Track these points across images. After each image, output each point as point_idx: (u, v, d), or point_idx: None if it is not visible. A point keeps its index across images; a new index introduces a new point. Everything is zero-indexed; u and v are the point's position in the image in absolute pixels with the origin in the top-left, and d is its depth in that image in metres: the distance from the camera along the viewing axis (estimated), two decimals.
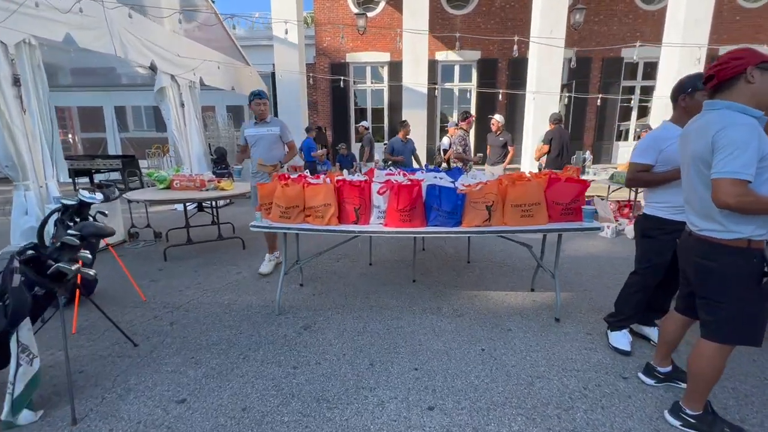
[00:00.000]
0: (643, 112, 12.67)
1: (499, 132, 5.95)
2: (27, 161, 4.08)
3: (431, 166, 4.09)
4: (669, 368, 1.90)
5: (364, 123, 8.03)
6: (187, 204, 4.65)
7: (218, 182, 4.49)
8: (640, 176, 2.12)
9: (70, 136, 13.24)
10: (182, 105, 6.86)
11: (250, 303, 2.96)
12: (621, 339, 2.24)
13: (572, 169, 2.58)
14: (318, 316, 2.72)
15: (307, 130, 8.27)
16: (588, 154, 6.00)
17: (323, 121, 12.60)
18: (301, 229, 2.51)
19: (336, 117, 12.63)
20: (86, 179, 8.99)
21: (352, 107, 12.65)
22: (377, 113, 12.76)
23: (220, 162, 8.00)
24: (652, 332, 2.30)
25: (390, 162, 6.24)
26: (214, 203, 4.87)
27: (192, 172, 6.94)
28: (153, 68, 5.89)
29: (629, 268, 2.32)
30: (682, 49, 8.36)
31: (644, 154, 2.10)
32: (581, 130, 12.42)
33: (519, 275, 3.48)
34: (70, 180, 9.01)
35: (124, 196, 3.97)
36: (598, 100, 9.96)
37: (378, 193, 2.49)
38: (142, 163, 9.48)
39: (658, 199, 2.11)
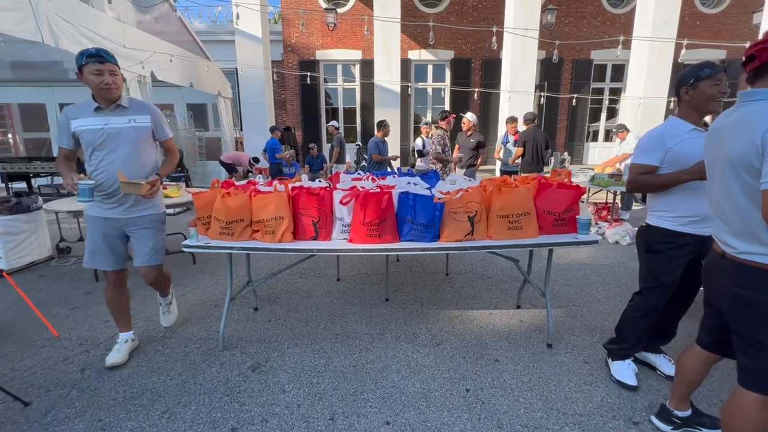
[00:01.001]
0: (612, 113, 12.91)
1: (471, 132, 5.63)
2: None
3: (404, 169, 3.71)
4: (688, 412, 1.59)
5: (334, 123, 7.59)
6: None
7: (163, 188, 3.93)
8: (642, 179, 1.82)
9: (9, 136, 11.98)
10: None
11: (190, 335, 2.46)
12: (625, 371, 1.93)
13: (563, 173, 2.25)
14: (271, 350, 2.27)
15: (272, 129, 7.72)
16: (566, 155, 5.82)
17: (292, 121, 12.02)
18: (245, 249, 2.05)
19: (306, 116, 12.09)
20: (23, 184, 8.05)
21: (323, 106, 12.14)
22: (349, 113, 12.32)
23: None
24: (657, 360, 2.01)
25: (375, 163, 5.83)
26: None
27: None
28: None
29: (616, 278, 2.03)
30: (650, 50, 8.44)
31: (648, 154, 1.80)
32: (553, 131, 12.46)
33: (503, 289, 3.15)
34: (3, 185, 8.05)
35: (44, 206, 3.35)
36: (574, 100, 9.95)
37: (341, 203, 2.08)
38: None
39: (664, 206, 1.82)
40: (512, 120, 5.80)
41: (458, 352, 2.23)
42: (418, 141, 5.81)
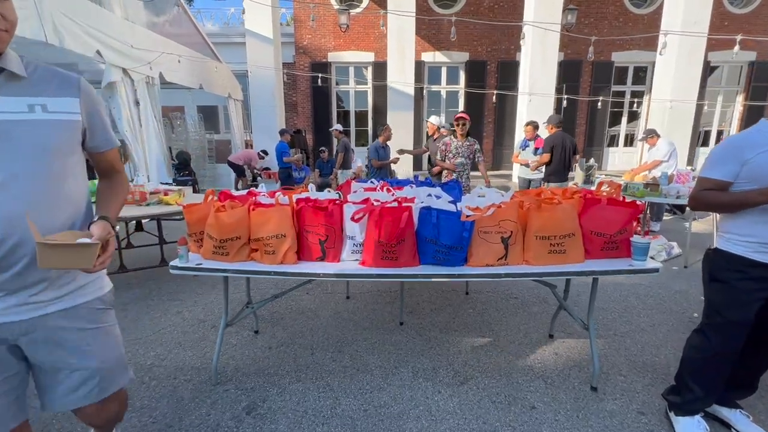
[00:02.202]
0: (633, 117, 12.40)
1: (437, 137, 5.20)
2: None
3: (422, 177, 3.40)
4: None
5: (338, 126, 7.33)
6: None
7: (164, 194, 3.70)
8: (707, 197, 1.50)
9: None
10: (137, 103, 6.01)
11: (181, 363, 2.19)
12: (694, 430, 1.58)
13: (613, 186, 1.92)
14: (270, 386, 1.98)
15: (281, 132, 7.50)
16: (593, 161, 5.44)
17: (303, 124, 11.83)
18: (241, 272, 1.77)
19: (317, 119, 11.88)
20: None
21: (335, 109, 11.93)
22: (361, 116, 12.08)
23: (182, 168, 7.16)
24: (733, 416, 1.66)
25: (375, 169, 5.57)
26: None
27: (149, 179, 6.11)
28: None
29: (658, 301, 1.74)
30: (679, 51, 7.99)
31: (719, 166, 1.47)
32: (572, 135, 11.96)
33: (531, 313, 2.82)
34: None
35: None
36: (599, 104, 9.53)
37: (352, 219, 1.79)
38: None
39: (738, 230, 1.48)
40: (531, 124, 5.43)
41: (486, 395, 1.91)
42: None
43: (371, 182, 2.78)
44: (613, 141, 12.61)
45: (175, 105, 10.89)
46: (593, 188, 2.18)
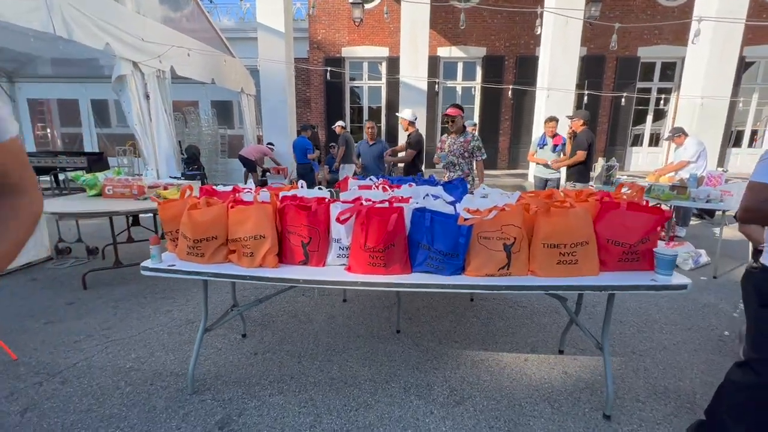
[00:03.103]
0: (659, 115, 11.80)
1: (410, 131, 4.94)
2: None
3: (426, 176, 3.20)
4: None
5: (340, 123, 7.17)
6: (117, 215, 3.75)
7: (164, 188, 3.62)
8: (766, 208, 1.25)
9: (48, 130, 12.41)
10: (147, 97, 6.00)
11: (161, 367, 2.08)
12: None
13: (635, 189, 1.69)
14: (250, 397, 1.84)
15: (303, 128, 7.40)
16: (614, 161, 5.11)
17: (316, 120, 11.75)
18: (215, 275, 1.63)
19: (330, 115, 11.76)
20: (47, 178, 8.13)
21: (348, 105, 11.79)
22: (375, 112, 11.90)
23: (191, 162, 7.15)
24: None
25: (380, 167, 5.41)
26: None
27: (158, 173, 6.11)
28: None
29: (683, 316, 1.60)
30: (712, 44, 7.48)
31: None
32: (593, 133, 11.51)
33: (540, 324, 2.60)
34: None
35: None
36: (623, 101, 9.08)
37: (337, 220, 1.62)
38: (113, 162, 8.63)
39: None
40: (554, 119, 5.10)
41: (484, 418, 1.71)
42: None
43: (370, 180, 2.61)
44: (637, 140, 12.04)
45: (190, 100, 10.95)
46: (613, 190, 1.95)
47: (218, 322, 1.99)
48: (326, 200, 1.84)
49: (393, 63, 11.13)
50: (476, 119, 11.54)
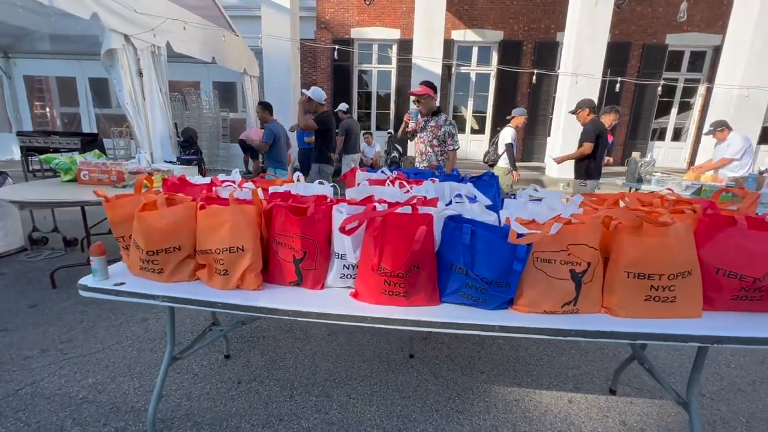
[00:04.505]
0: (684, 108, 11.14)
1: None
2: None
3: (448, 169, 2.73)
4: None
5: (342, 107, 6.62)
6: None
7: (149, 175, 3.21)
8: None
9: (47, 109, 12.02)
10: (140, 74, 5.55)
11: (120, 399, 1.69)
12: None
13: (749, 197, 1.24)
14: None
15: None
16: (650, 157, 4.60)
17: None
18: (173, 300, 1.20)
19: (337, 100, 11.22)
20: (38, 158, 7.76)
21: (356, 90, 11.24)
22: (384, 99, 11.34)
23: (188, 146, 6.73)
24: None
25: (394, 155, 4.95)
26: None
27: (152, 156, 5.71)
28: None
29: None
30: (755, 31, 6.84)
31: None
32: (614, 126, 10.89)
33: (584, 352, 2.17)
34: (21, 159, 7.85)
35: None
36: (646, 92, 8.48)
37: (342, 230, 1.18)
38: (108, 144, 8.24)
39: None
40: (614, 111, 4.35)
41: None
42: (507, 132, 4.79)
43: (382, 172, 2.17)
44: (659, 135, 11.40)
45: (191, 80, 10.47)
46: (646, 189, 1.50)
47: (191, 348, 1.59)
48: (327, 200, 1.41)
49: (404, 46, 10.53)
50: (490, 107, 10.98)
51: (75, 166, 3.16)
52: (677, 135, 11.36)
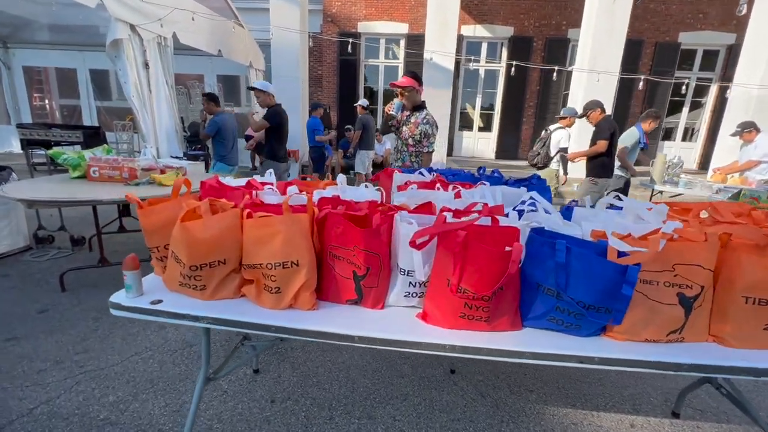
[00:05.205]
0: (696, 106, 10.99)
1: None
2: None
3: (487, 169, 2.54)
4: None
5: (363, 102, 6.41)
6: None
7: (161, 172, 3.05)
8: None
9: (47, 101, 11.77)
10: (146, 66, 5.36)
11: (146, 420, 1.54)
12: None
13: None
14: None
15: (314, 107, 6.75)
16: (678, 157, 4.46)
17: (328, 100, 11.03)
18: (220, 323, 1.06)
19: (342, 95, 11.05)
20: (41, 151, 7.58)
21: (362, 85, 11.04)
22: (389, 95, 11.14)
23: (195, 141, 6.55)
24: None
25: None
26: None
27: (158, 151, 5.54)
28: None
29: None
30: None
31: None
32: (623, 125, 10.74)
33: None
34: (22, 152, 7.66)
35: (2, 190, 2.53)
36: (657, 90, 8.30)
37: (413, 245, 1.04)
38: (111, 137, 8.04)
39: None
40: (656, 117, 4.16)
41: None
42: (560, 134, 4.51)
43: (420, 174, 2.02)
44: (669, 134, 11.27)
45: (195, 73, 10.25)
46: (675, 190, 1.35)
47: (224, 367, 1.45)
48: (379, 207, 1.26)
49: (413, 40, 10.35)
50: (498, 105, 10.81)
51: (84, 162, 3.00)
52: (687, 135, 11.23)
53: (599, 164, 3.93)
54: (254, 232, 1.09)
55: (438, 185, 1.63)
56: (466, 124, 11.32)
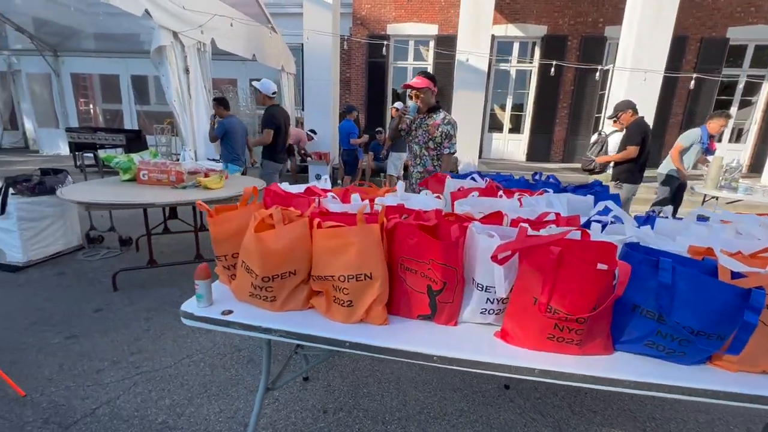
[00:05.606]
0: (744, 105, 10.31)
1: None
2: None
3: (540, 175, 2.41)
4: None
5: (398, 104, 6.36)
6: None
7: (205, 175, 3.12)
8: None
9: (91, 106, 12.43)
10: (186, 71, 5.54)
11: (202, 424, 1.55)
12: None
13: None
14: None
15: (348, 110, 6.77)
16: (736, 161, 4.16)
17: (355, 103, 11.08)
18: (292, 336, 1.02)
19: (370, 98, 11.07)
20: (90, 154, 7.99)
21: (390, 87, 11.03)
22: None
23: None
24: None
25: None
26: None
27: (196, 154, 5.70)
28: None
29: None
30: None
31: None
32: (664, 125, 10.22)
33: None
34: (70, 154, 8.11)
35: (58, 194, 2.65)
36: (702, 89, 7.83)
37: (495, 259, 0.97)
38: (150, 141, 8.38)
39: None
40: (726, 116, 3.90)
41: None
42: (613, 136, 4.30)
43: (472, 179, 1.95)
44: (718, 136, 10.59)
45: (228, 78, 10.55)
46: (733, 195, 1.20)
47: (280, 377, 1.42)
48: (446, 216, 1.20)
49: (443, 42, 10.25)
50: (530, 106, 10.52)
51: (134, 165, 3.10)
52: (737, 136, 10.57)
53: (626, 169, 3.72)
54: (325, 243, 1.05)
55: (501, 193, 1.56)
56: (496, 125, 11.09)
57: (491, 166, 9.01)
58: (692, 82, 6.71)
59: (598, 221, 1.23)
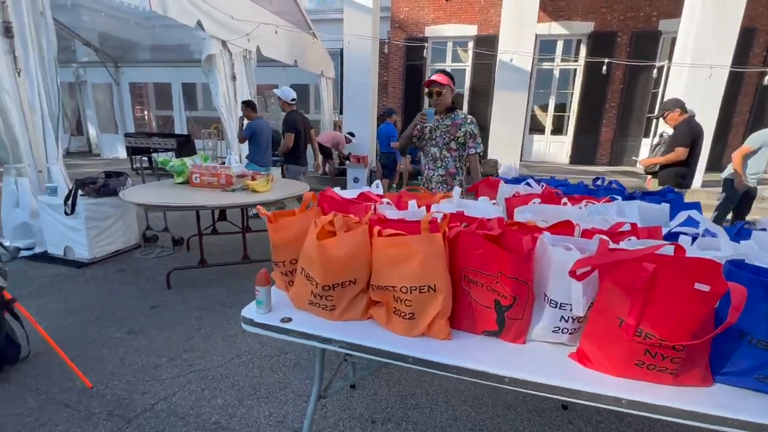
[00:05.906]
0: None
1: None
2: (20, 138, 3.13)
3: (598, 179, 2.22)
4: None
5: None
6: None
7: (252, 179, 3.20)
8: None
9: (145, 112, 13.33)
10: (234, 78, 5.79)
11: (253, 426, 1.56)
12: None
13: None
14: None
15: (388, 113, 6.80)
16: None
17: (393, 106, 11.09)
18: (353, 347, 0.99)
19: (407, 101, 11.04)
20: (145, 157, 8.52)
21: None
22: (456, 98, 10.90)
23: (273, 148, 6.90)
24: None
25: None
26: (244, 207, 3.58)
27: (240, 157, 5.95)
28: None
29: None
30: None
31: None
32: (727, 125, 9.38)
33: None
34: (127, 157, 8.71)
35: (120, 195, 2.82)
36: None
37: (574, 275, 0.89)
38: (198, 145, 8.83)
39: None
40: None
41: None
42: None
43: (527, 184, 1.86)
44: None
45: (270, 83, 10.92)
46: None
47: (331, 385, 1.40)
48: (510, 226, 1.13)
49: (482, 42, 10.03)
50: (575, 106, 10.04)
51: (187, 169, 3.25)
52: None
53: (674, 173, 3.38)
54: (387, 252, 1.01)
55: (565, 200, 1.45)
56: (537, 126, 10.69)
57: (532, 169, 8.67)
58: (766, 78, 6.07)
59: (685, 233, 1.11)
